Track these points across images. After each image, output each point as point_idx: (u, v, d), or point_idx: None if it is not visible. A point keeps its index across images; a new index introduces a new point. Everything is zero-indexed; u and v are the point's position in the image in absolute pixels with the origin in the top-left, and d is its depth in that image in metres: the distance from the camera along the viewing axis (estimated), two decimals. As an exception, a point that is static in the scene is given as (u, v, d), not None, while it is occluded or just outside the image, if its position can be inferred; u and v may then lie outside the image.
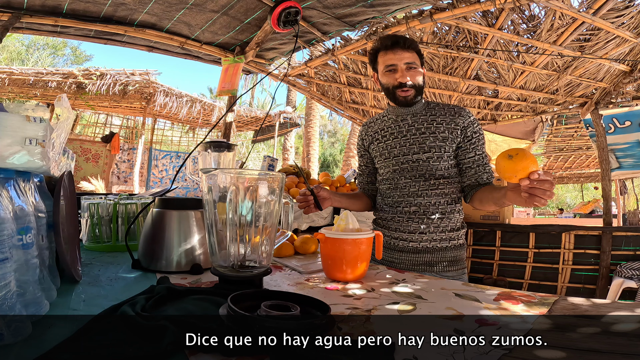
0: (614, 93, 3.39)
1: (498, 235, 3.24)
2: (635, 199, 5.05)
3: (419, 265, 1.24)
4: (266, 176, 0.78)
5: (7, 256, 0.52)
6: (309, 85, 3.91)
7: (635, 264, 2.78)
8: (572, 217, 10.71)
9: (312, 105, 10.99)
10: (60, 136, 0.89)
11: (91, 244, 1.19)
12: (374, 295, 0.79)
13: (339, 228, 0.96)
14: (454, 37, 2.82)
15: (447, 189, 1.24)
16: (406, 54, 1.22)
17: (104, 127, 9.58)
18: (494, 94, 3.81)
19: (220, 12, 2.29)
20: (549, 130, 6.76)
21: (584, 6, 2.27)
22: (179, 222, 0.94)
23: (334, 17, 2.36)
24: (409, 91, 1.23)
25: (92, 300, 0.69)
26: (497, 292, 0.80)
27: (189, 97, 7.14)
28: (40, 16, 2.19)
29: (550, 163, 9.85)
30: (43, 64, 15.98)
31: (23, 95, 6.72)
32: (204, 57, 2.96)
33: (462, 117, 1.23)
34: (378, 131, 1.36)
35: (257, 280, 0.76)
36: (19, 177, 0.62)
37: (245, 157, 8.58)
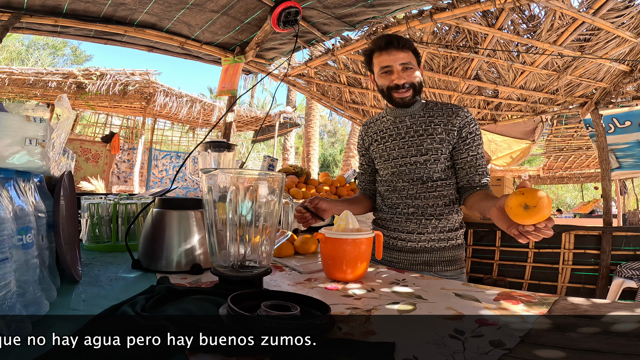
0: (614, 93, 3.39)
1: (498, 235, 3.24)
2: (635, 199, 5.05)
3: (417, 265, 1.24)
4: (266, 176, 0.78)
5: (7, 256, 0.52)
6: (309, 85, 3.91)
7: (635, 264, 2.78)
8: (572, 217, 10.71)
9: (312, 105, 10.98)
10: (60, 136, 0.89)
11: (91, 244, 1.19)
12: (374, 295, 0.79)
13: (339, 228, 0.96)
14: (454, 37, 2.81)
15: (445, 191, 1.23)
16: (401, 54, 1.19)
17: (104, 127, 9.58)
18: (494, 94, 3.81)
19: (220, 12, 2.29)
20: (549, 130, 6.76)
21: (584, 6, 2.27)
22: (179, 222, 0.94)
23: (334, 17, 2.36)
24: (406, 92, 1.21)
25: (92, 300, 0.69)
26: (497, 292, 0.80)
27: (189, 97, 7.14)
28: (40, 16, 2.19)
29: (550, 163, 9.87)
30: (43, 64, 15.99)
31: (23, 95, 6.72)
32: (204, 57, 2.96)
33: (459, 117, 1.22)
34: (377, 132, 1.35)
35: (257, 280, 0.76)
36: (19, 177, 0.62)
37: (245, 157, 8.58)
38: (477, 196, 1.16)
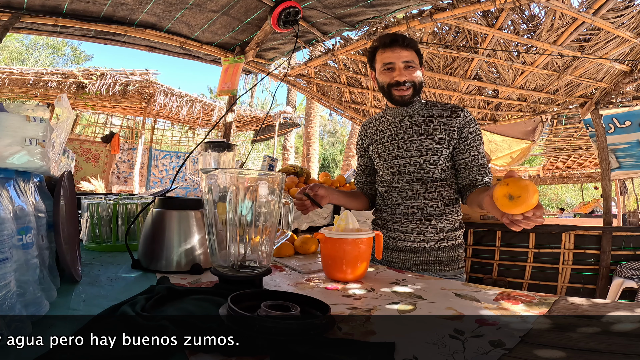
0: (614, 93, 3.38)
1: (498, 235, 3.24)
2: (635, 199, 5.05)
3: (417, 265, 1.24)
4: (266, 176, 0.78)
5: (7, 256, 0.52)
6: (309, 85, 3.91)
7: (635, 264, 2.78)
8: (572, 217, 10.71)
9: (312, 105, 10.98)
10: (60, 136, 0.89)
11: (91, 244, 1.19)
12: (374, 295, 0.79)
13: (339, 228, 0.96)
14: (454, 37, 2.81)
15: (445, 191, 1.23)
16: (405, 53, 1.20)
17: (104, 127, 9.58)
18: (494, 94, 3.81)
19: (220, 12, 2.28)
20: (549, 130, 6.76)
21: (584, 6, 2.27)
22: (179, 222, 0.94)
23: (334, 17, 2.36)
24: (406, 90, 1.22)
25: (92, 300, 0.69)
26: (497, 292, 0.80)
27: (189, 97, 7.14)
28: (40, 16, 2.19)
29: (550, 163, 9.87)
30: (43, 64, 15.99)
31: (23, 95, 6.72)
32: (204, 57, 2.96)
33: (459, 117, 1.22)
34: (377, 132, 1.35)
35: (257, 280, 0.76)
36: (19, 177, 0.62)
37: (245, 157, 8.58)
38: (476, 191, 1.17)
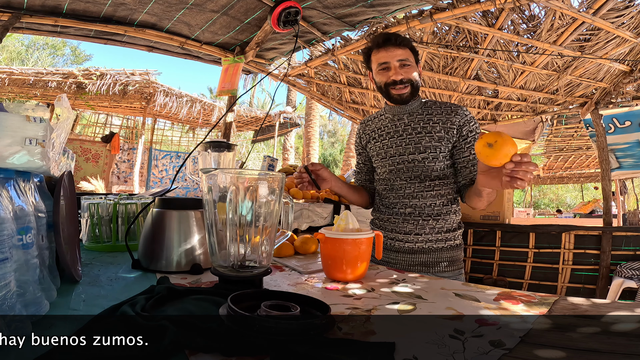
0: (614, 93, 3.38)
1: (498, 235, 3.24)
2: (635, 199, 5.05)
3: (415, 266, 1.24)
4: (266, 176, 0.78)
5: (7, 256, 0.52)
6: (309, 85, 3.91)
7: (635, 264, 2.78)
8: (572, 217, 10.71)
9: (312, 105, 10.99)
10: (60, 136, 0.89)
11: (91, 244, 1.18)
12: (374, 295, 0.79)
13: (339, 228, 0.96)
14: (454, 37, 2.81)
15: (443, 190, 1.23)
16: (399, 51, 1.20)
17: (104, 127, 9.59)
18: (494, 94, 3.81)
19: (220, 12, 2.29)
20: (549, 130, 6.76)
21: (584, 6, 2.27)
22: (179, 222, 0.94)
23: (334, 17, 2.36)
24: (404, 88, 1.22)
25: (92, 300, 0.69)
26: (497, 292, 0.80)
27: (189, 97, 7.14)
28: (40, 16, 2.19)
29: (550, 163, 9.86)
30: (43, 64, 15.99)
31: (23, 95, 6.72)
32: (204, 57, 2.96)
33: (458, 116, 1.22)
34: (375, 130, 1.35)
35: (257, 280, 0.76)
36: (19, 177, 0.62)
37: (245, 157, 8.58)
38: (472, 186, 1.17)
